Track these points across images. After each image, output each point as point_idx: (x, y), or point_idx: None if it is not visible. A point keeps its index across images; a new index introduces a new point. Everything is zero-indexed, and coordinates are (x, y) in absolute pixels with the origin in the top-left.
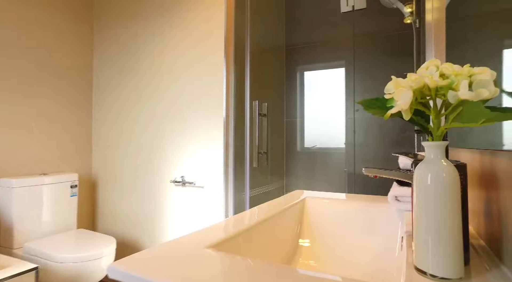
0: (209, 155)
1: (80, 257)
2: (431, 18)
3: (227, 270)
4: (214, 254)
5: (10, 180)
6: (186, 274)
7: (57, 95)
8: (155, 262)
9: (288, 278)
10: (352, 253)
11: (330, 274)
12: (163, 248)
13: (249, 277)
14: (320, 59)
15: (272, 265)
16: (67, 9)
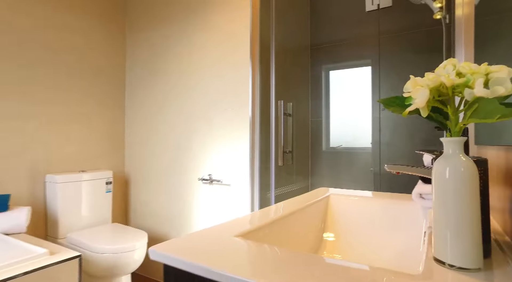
0: (236, 154)
1: (115, 248)
2: (461, 13)
3: (254, 256)
4: (242, 242)
5: (54, 176)
6: (217, 257)
7: (93, 95)
8: (189, 247)
9: (316, 266)
10: (376, 249)
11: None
12: (195, 235)
13: (276, 262)
14: (346, 58)
15: (298, 253)
16: (102, 14)
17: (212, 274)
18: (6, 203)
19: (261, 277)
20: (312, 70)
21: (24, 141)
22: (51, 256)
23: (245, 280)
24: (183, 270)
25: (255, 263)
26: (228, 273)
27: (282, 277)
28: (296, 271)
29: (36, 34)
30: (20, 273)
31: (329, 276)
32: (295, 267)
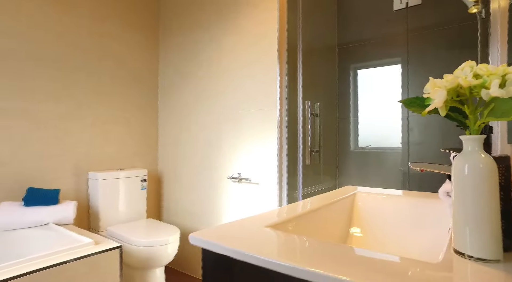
0: (264, 153)
1: (151, 242)
2: (497, 7)
3: (283, 243)
4: (272, 232)
5: (96, 174)
6: (248, 243)
7: (130, 99)
8: (223, 234)
9: (341, 252)
10: (403, 245)
11: (376, 252)
12: (228, 225)
13: (304, 249)
14: (374, 56)
15: (326, 242)
16: (138, 23)
17: (245, 256)
18: (56, 197)
19: (290, 260)
20: (340, 69)
21: (71, 141)
22: (95, 246)
23: (274, 261)
24: (219, 253)
25: (284, 249)
26: (259, 255)
27: (311, 261)
28: (323, 257)
29: (81, 43)
30: (72, 259)
31: (351, 260)
32: (322, 254)
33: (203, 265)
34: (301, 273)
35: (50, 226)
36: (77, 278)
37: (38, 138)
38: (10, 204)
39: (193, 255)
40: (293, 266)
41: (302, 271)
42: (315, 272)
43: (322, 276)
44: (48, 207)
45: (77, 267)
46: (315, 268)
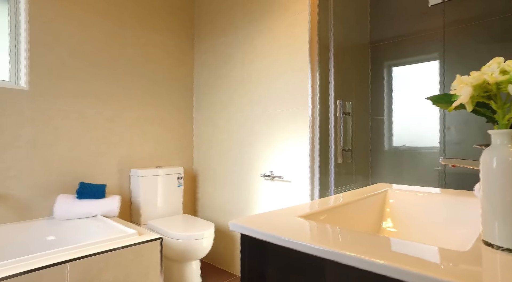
0: (296, 151)
1: (187, 235)
2: None
3: (315, 230)
4: (304, 221)
5: (137, 171)
6: (282, 229)
7: (167, 100)
8: (259, 222)
9: (377, 242)
10: (437, 242)
11: (403, 240)
12: (263, 215)
13: (337, 235)
14: (409, 53)
15: (359, 232)
16: (176, 29)
17: (279, 240)
18: (103, 191)
19: (322, 244)
20: (373, 67)
21: (115, 140)
22: (139, 236)
23: (307, 244)
24: (255, 238)
25: (316, 235)
26: (292, 239)
27: (343, 245)
28: (355, 243)
29: (127, 51)
30: (119, 247)
31: (384, 247)
32: (355, 240)
33: (241, 249)
34: (333, 256)
35: (98, 217)
36: (124, 265)
37: (89, 137)
38: (66, 196)
39: (227, 250)
40: (326, 249)
41: (335, 254)
42: (348, 255)
43: (355, 259)
44: (97, 200)
45: (123, 255)
46: (349, 252)
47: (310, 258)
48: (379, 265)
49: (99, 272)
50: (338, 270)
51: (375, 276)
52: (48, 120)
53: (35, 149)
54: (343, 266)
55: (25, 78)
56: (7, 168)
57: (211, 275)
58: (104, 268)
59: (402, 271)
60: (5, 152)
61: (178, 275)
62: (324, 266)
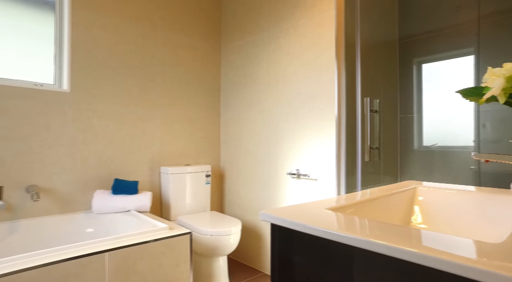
0: (322, 150)
1: (215, 231)
2: None
3: (343, 220)
4: (333, 213)
5: (167, 168)
6: (311, 219)
7: (195, 100)
8: (288, 212)
9: (405, 232)
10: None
11: (436, 232)
12: (291, 207)
13: (364, 225)
14: (441, 49)
15: (387, 223)
16: (201, 32)
17: (308, 229)
18: (136, 187)
19: (352, 232)
20: (401, 64)
21: (146, 138)
22: (170, 230)
23: (336, 233)
24: (285, 227)
25: (344, 225)
26: (321, 228)
27: (372, 234)
28: (383, 232)
29: (157, 52)
30: (152, 239)
31: (411, 236)
32: (383, 230)
33: (271, 238)
34: (363, 244)
35: (131, 212)
36: (156, 256)
37: (122, 136)
38: (102, 192)
39: (253, 247)
40: (355, 237)
41: (364, 242)
42: (379, 242)
43: (386, 247)
44: (130, 196)
45: (156, 247)
46: (379, 240)
47: (338, 246)
48: (411, 252)
49: (134, 262)
50: (367, 259)
51: (405, 264)
52: (87, 120)
53: (75, 147)
54: (372, 254)
55: (67, 81)
56: (52, 164)
57: (237, 271)
58: (139, 259)
59: (433, 258)
60: (50, 149)
61: (206, 270)
62: (352, 254)
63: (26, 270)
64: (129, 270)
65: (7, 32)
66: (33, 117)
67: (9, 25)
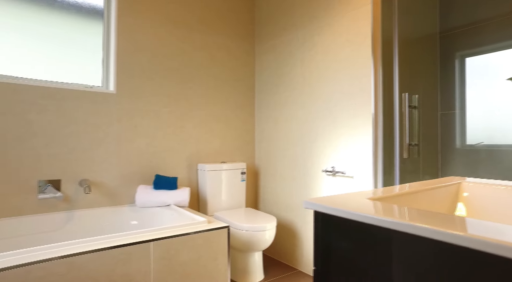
0: (358, 147)
1: (251, 227)
2: None
3: (384, 207)
4: (374, 202)
5: (204, 165)
6: (354, 207)
7: (230, 99)
8: (331, 201)
9: (453, 219)
10: None
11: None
12: (333, 196)
13: (406, 213)
14: (488, 41)
15: (429, 211)
16: (236, 32)
17: (350, 215)
18: (175, 183)
19: (394, 217)
20: (442, 58)
21: (185, 136)
22: (209, 224)
23: (378, 218)
24: (328, 213)
25: (386, 210)
26: (364, 213)
27: (415, 219)
28: (424, 218)
29: (195, 54)
30: (192, 232)
31: (454, 221)
32: (424, 216)
33: (314, 224)
34: (405, 227)
35: (171, 206)
36: (196, 248)
37: (163, 134)
38: (145, 187)
39: (288, 244)
40: (397, 221)
41: (407, 226)
42: (422, 226)
43: (429, 230)
44: (170, 191)
45: (196, 239)
46: (422, 223)
47: (380, 231)
48: (460, 236)
49: (176, 253)
50: (409, 243)
51: (449, 247)
52: (130, 119)
53: (120, 144)
54: (415, 238)
55: (113, 83)
56: (101, 160)
57: (272, 268)
58: (180, 250)
59: (479, 241)
60: (99, 147)
61: (242, 265)
62: (395, 239)
63: (82, 254)
64: (172, 260)
65: (65, 41)
66: (85, 117)
67: (67, 36)
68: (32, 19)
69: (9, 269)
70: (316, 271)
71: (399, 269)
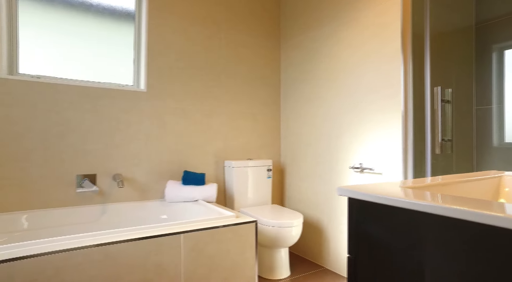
0: (387, 143)
1: (278, 223)
2: None
3: (421, 194)
4: (406, 189)
5: (231, 162)
6: (389, 193)
7: (256, 97)
8: (364, 188)
9: (492, 203)
10: None
11: None
12: (365, 185)
13: (443, 198)
14: None
15: (467, 198)
16: (262, 30)
17: (386, 200)
18: (203, 179)
19: (429, 201)
20: (478, 51)
21: (212, 133)
22: (237, 218)
23: (413, 202)
24: (361, 199)
25: (421, 196)
26: (397, 198)
27: (450, 202)
28: (461, 200)
29: (222, 52)
30: (221, 225)
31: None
32: (459, 199)
33: (348, 210)
34: (442, 210)
35: (199, 201)
36: (224, 242)
37: (190, 131)
38: (174, 182)
39: (314, 242)
40: (433, 205)
41: (442, 208)
42: (457, 208)
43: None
44: (198, 187)
45: (224, 233)
46: (459, 206)
47: (414, 215)
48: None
49: (205, 245)
50: (445, 227)
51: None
52: (160, 116)
53: (150, 141)
54: (452, 221)
55: (144, 82)
56: (132, 156)
57: (299, 265)
58: (209, 243)
59: None
60: (131, 143)
61: (268, 261)
62: (428, 223)
63: (117, 242)
64: (201, 252)
65: (100, 43)
66: (117, 115)
67: (102, 38)
68: (70, 23)
69: (54, 253)
70: (350, 258)
71: (435, 255)
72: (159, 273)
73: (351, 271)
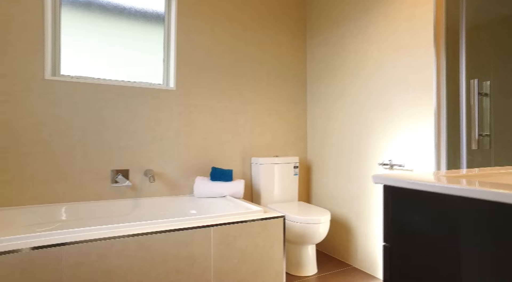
0: (418, 139)
1: (305, 219)
2: None
3: (458, 180)
4: (445, 177)
5: (257, 159)
6: (425, 179)
7: (282, 94)
8: (398, 176)
9: None
10: None
11: None
12: (400, 174)
13: (481, 184)
14: None
15: (504, 183)
16: (287, 28)
17: (423, 186)
18: (231, 175)
19: (463, 185)
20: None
21: (238, 130)
22: (265, 213)
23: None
24: (397, 186)
25: (458, 182)
26: (435, 183)
27: (490, 186)
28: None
29: (247, 51)
30: (249, 219)
31: None
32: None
33: (384, 199)
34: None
35: (227, 197)
36: (252, 236)
37: (218, 128)
38: (202, 178)
39: (341, 240)
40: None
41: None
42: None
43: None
44: (226, 183)
45: (252, 227)
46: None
47: (452, 200)
48: None
49: (234, 239)
50: (485, 211)
51: None
52: (188, 114)
53: (179, 138)
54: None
55: (173, 80)
56: (162, 153)
57: (326, 263)
58: (238, 236)
59: None
60: (161, 140)
61: (295, 258)
62: (467, 208)
63: (150, 233)
64: (230, 245)
65: (132, 44)
66: (148, 112)
67: (134, 39)
68: (105, 26)
69: (98, 240)
70: (386, 247)
71: (473, 241)
72: (190, 264)
73: (386, 259)
